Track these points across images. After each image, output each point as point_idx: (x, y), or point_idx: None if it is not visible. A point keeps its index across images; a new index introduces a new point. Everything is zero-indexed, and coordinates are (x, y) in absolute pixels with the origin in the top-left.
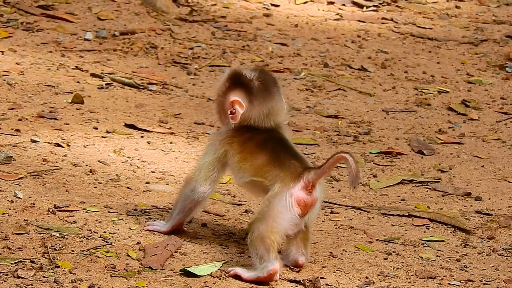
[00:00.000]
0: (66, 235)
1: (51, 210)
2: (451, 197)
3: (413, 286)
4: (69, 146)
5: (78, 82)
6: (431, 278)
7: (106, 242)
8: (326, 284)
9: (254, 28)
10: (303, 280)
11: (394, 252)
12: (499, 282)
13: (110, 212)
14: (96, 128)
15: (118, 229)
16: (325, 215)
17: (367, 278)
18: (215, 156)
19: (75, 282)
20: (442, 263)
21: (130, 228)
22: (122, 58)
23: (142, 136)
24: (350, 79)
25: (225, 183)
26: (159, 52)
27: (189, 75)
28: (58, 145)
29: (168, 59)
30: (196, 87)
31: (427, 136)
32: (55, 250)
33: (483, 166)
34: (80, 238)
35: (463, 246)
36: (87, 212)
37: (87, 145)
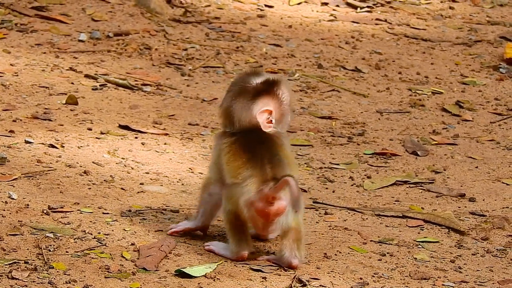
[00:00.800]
0: (60, 236)
1: (45, 211)
2: (445, 198)
3: (407, 287)
4: (63, 147)
5: (72, 83)
6: (425, 279)
7: (100, 243)
8: (320, 285)
9: (248, 29)
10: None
11: (388, 253)
12: (493, 283)
13: (104, 213)
14: (90, 129)
15: (112, 230)
16: (319, 216)
17: (361, 279)
18: (215, 157)
19: (70, 283)
20: (436, 264)
21: (124, 229)
22: (116, 59)
23: (136, 137)
24: (344, 80)
25: None
26: (153, 53)
27: (183, 76)
28: (52, 146)
29: (162, 60)
30: (190, 88)
31: (421, 137)
32: (49, 251)
33: (477, 167)
34: (74, 239)
35: (457, 247)
36: (81, 213)
37: (81, 146)
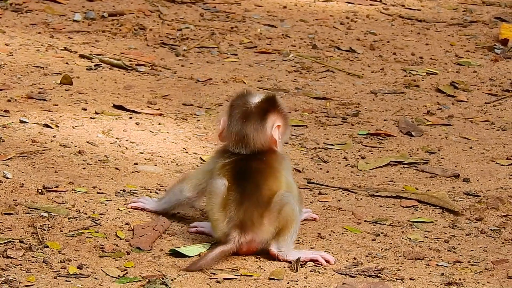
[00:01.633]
0: (55, 215)
1: (40, 191)
2: (439, 178)
3: (401, 267)
4: (57, 127)
5: (67, 63)
6: (419, 259)
7: (95, 222)
8: (315, 265)
9: (242, 10)
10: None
11: (382, 233)
12: (487, 263)
13: (98, 193)
14: (84, 109)
15: (107, 209)
16: (313, 196)
17: (355, 259)
18: (207, 169)
19: (64, 262)
20: (430, 244)
21: (118, 209)
22: (111, 39)
23: (130, 117)
24: (338, 60)
25: None
26: (148, 33)
27: (177, 56)
28: (47, 126)
29: (156, 40)
30: (184, 68)
31: (415, 118)
32: (44, 230)
33: (471, 148)
34: (69, 219)
35: (451, 228)
36: (75, 192)
37: (75, 126)
